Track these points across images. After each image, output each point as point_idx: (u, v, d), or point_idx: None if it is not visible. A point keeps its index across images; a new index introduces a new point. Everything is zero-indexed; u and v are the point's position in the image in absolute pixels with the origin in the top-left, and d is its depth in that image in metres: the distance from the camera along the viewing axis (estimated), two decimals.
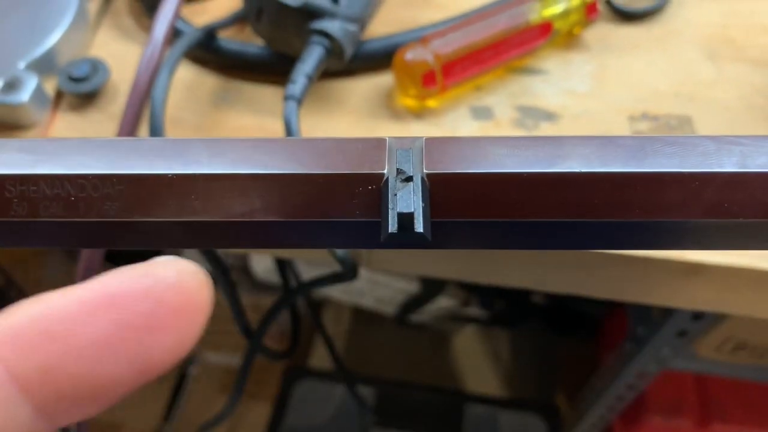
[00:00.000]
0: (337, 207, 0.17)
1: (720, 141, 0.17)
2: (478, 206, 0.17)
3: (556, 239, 0.18)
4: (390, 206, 0.16)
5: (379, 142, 0.18)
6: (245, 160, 0.18)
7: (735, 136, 0.17)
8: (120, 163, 0.18)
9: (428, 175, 0.17)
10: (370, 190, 0.17)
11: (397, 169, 0.17)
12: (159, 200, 0.18)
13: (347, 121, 0.38)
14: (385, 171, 0.17)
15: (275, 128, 0.38)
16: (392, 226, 0.16)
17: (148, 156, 0.18)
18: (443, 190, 0.17)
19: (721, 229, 0.17)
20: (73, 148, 0.18)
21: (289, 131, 0.34)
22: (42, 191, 0.18)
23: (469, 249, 0.19)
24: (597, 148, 0.17)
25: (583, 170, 0.17)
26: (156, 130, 0.34)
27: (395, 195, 0.16)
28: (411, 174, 0.17)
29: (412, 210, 0.16)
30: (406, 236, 0.16)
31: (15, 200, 0.18)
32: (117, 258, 0.99)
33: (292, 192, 0.17)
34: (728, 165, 0.17)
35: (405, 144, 0.18)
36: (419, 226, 0.16)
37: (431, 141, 0.18)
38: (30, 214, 0.18)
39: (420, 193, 0.17)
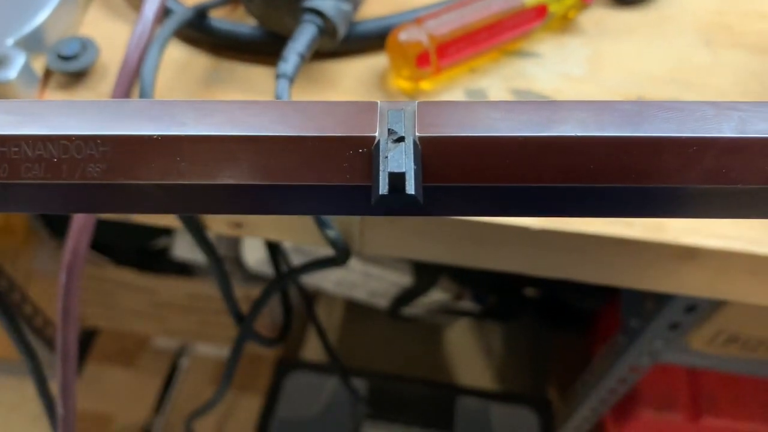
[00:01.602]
0: (327, 170, 0.17)
1: (719, 106, 0.17)
2: (472, 171, 0.17)
3: (551, 205, 0.17)
4: (381, 168, 0.16)
5: (371, 105, 0.18)
6: (233, 122, 0.17)
7: (734, 102, 0.17)
8: (105, 124, 0.17)
9: (420, 138, 0.17)
10: (361, 153, 0.17)
11: (389, 129, 0.16)
12: (144, 162, 0.17)
13: None
14: (377, 134, 0.17)
15: None
16: (383, 188, 0.16)
17: (133, 117, 0.17)
18: (436, 153, 0.17)
19: (720, 195, 0.17)
20: (57, 109, 0.18)
21: None
22: (24, 152, 0.17)
23: (462, 216, 0.18)
24: (594, 113, 0.17)
25: (579, 134, 0.16)
26: None
27: (386, 157, 0.16)
28: (403, 134, 0.16)
29: (404, 170, 0.16)
30: (397, 198, 0.16)
31: None
32: (102, 247, 0.98)
33: (280, 155, 0.17)
34: (727, 130, 0.17)
35: (397, 107, 0.17)
36: (410, 188, 0.16)
37: (424, 104, 0.17)
38: (11, 175, 0.17)
39: (412, 155, 0.16)
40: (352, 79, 0.39)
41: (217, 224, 0.38)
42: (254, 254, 0.89)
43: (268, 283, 0.44)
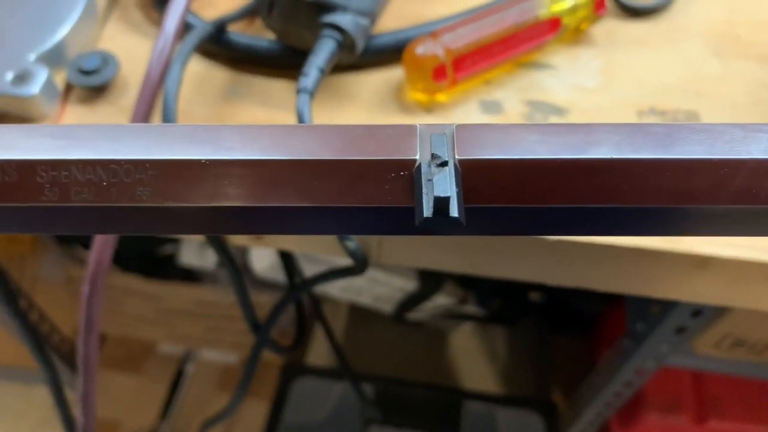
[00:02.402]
0: (370, 193, 0.17)
1: (747, 128, 0.18)
2: (510, 192, 0.17)
3: (586, 225, 0.18)
4: (424, 191, 0.17)
5: (410, 129, 0.18)
6: (278, 146, 0.18)
7: (762, 124, 0.18)
8: (152, 148, 0.18)
9: (460, 161, 0.17)
10: (403, 176, 0.17)
11: (432, 153, 0.17)
12: (192, 186, 0.18)
13: (357, 116, 0.38)
14: (417, 157, 0.17)
15: (286, 122, 0.38)
16: (427, 211, 0.16)
17: (180, 142, 0.18)
18: (475, 176, 0.17)
19: (750, 215, 0.18)
20: (105, 134, 0.18)
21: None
22: (74, 176, 0.18)
23: (500, 235, 0.19)
24: (627, 135, 0.18)
25: (615, 156, 0.17)
26: (168, 122, 0.34)
27: (430, 180, 0.17)
28: (446, 159, 0.17)
29: (449, 195, 0.16)
30: (441, 221, 0.16)
31: (47, 185, 0.18)
32: (123, 261, 0.99)
33: (324, 178, 0.18)
34: (756, 152, 0.17)
35: (436, 131, 0.18)
36: (454, 211, 0.16)
37: (462, 128, 0.18)
38: (61, 199, 0.18)
39: (454, 178, 0.17)
40: (368, 92, 0.39)
41: (239, 236, 0.39)
42: (262, 261, 0.90)
43: (284, 293, 0.44)
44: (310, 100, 0.34)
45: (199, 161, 0.17)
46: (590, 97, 0.39)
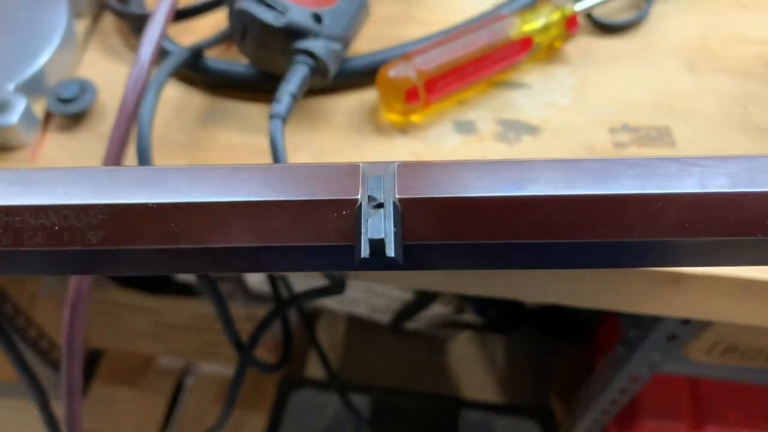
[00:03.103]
0: (313, 232, 0.18)
1: (681, 162, 0.18)
2: (450, 229, 0.18)
3: (524, 260, 0.18)
4: (363, 231, 0.17)
5: (353, 168, 0.19)
6: (223, 188, 0.18)
7: (696, 158, 0.18)
8: (103, 192, 0.18)
9: (400, 200, 0.18)
10: (345, 215, 0.18)
11: (369, 195, 0.17)
12: (140, 229, 0.18)
13: (333, 138, 0.39)
14: (359, 196, 0.18)
15: (262, 146, 0.38)
16: (364, 252, 0.17)
17: (129, 185, 0.18)
18: (415, 214, 0.18)
19: (686, 247, 0.18)
20: (58, 179, 0.19)
21: (274, 149, 0.34)
22: (27, 221, 0.18)
23: (442, 270, 0.19)
24: (563, 172, 0.18)
25: (550, 193, 0.17)
26: (143, 150, 0.35)
27: (367, 221, 0.17)
28: (382, 200, 0.17)
29: (383, 236, 0.16)
30: (377, 261, 0.17)
31: (0, 230, 0.18)
32: (122, 276, 0.99)
33: (268, 218, 0.18)
34: (689, 186, 0.18)
35: (378, 170, 0.18)
36: (390, 251, 0.17)
37: (404, 166, 0.18)
38: (15, 243, 0.18)
39: (392, 218, 0.17)
40: (344, 114, 0.40)
41: None
42: (257, 275, 0.90)
43: (268, 311, 0.44)
44: (282, 126, 0.35)
45: (146, 205, 0.18)
46: (563, 115, 0.39)
